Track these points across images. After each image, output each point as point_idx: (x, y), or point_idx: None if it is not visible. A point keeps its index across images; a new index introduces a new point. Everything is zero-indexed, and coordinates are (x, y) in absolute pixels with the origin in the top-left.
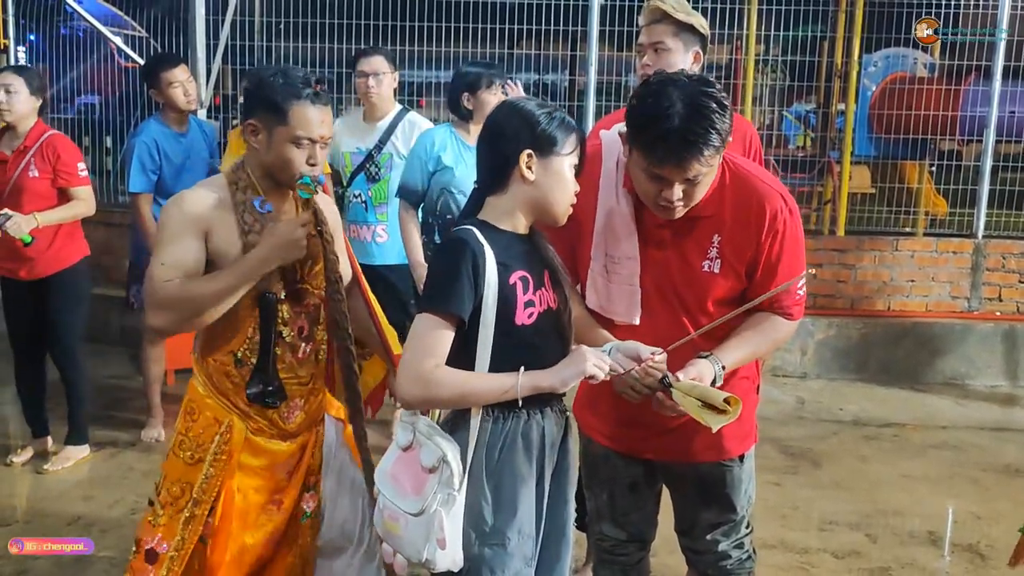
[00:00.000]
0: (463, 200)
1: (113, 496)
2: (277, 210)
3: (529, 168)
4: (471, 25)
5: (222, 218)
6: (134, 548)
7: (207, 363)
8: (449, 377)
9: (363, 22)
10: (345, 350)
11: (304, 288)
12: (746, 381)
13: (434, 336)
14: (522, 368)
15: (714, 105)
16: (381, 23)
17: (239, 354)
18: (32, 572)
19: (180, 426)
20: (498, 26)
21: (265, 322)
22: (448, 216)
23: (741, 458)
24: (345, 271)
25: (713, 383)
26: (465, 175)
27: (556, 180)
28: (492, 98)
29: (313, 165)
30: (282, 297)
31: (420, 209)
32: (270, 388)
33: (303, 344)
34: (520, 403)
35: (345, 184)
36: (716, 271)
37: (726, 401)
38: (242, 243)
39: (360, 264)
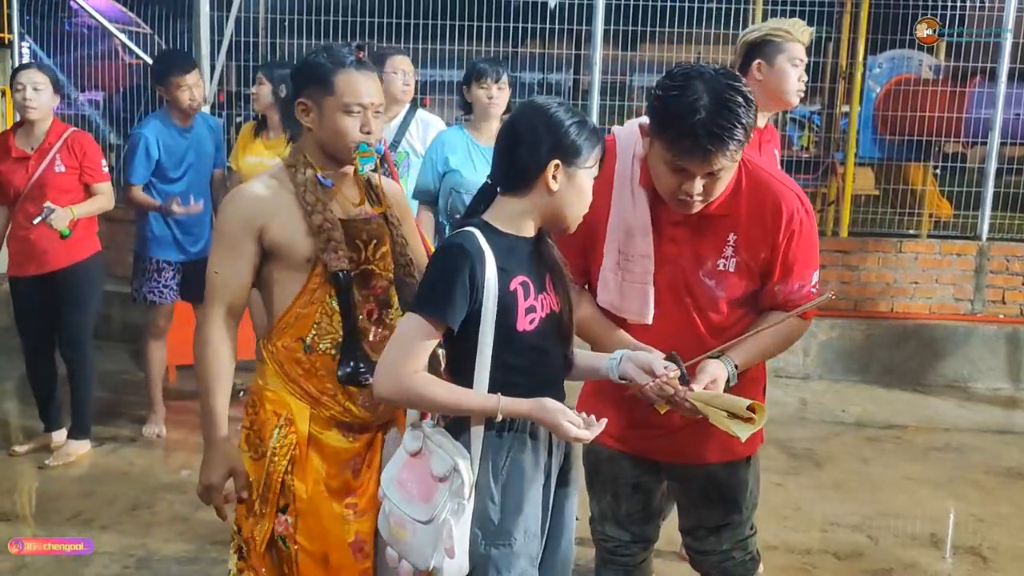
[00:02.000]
0: (468, 200)
1: (113, 492)
2: (337, 188)
3: (555, 178)
4: (475, 23)
5: (281, 206)
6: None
7: (276, 349)
8: (426, 385)
9: (367, 19)
10: None
11: (370, 269)
12: (753, 383)
13: (419, 340)
14: (499, 395)
15: (740, 99)
16: (385, 20)
17: (308, 340)
18: (31, 567)
19: (244, 420)
20: (503, 24)
21: (343, 300)
22: (457, 216)
23: (748, 459)
24: (419, 257)
25: (727, 383)
26: (472, 176)
27: (577, 193)
28: (480, 92)
29: (368, 133)
30: (352, 278)
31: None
32: (361, 367)
33: (374, 328)
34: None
35: None
36: (731, 270)
37: (751, 409)
38: (307, 224)
39: None
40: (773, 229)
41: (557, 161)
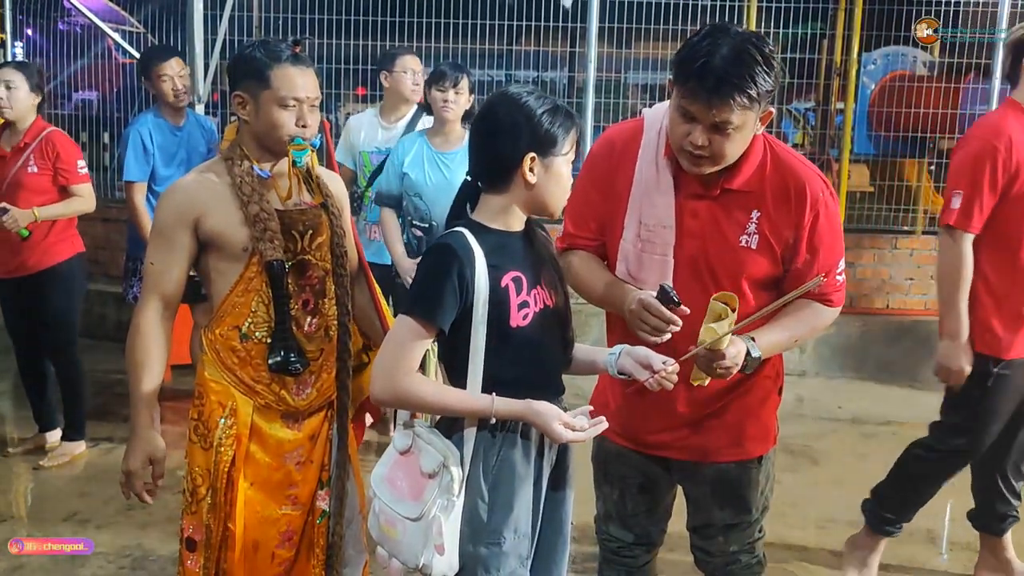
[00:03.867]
0: (419, 203)
1: (109, 492)
2: (274, 179)
3: (532, 171)
4: (471, 21)
5: (217, 197)
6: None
7: (215, 338)
8: (421, 387)
9: (361, 18)
10: (342, 327)
11: (307, 260)
12: (769, 381)
13: (411, 342)
14: (493, 395)
15: (759, 57)
16: (380, 19)
17: (244, 328)
18: (28, 567)
19: (192, 411)
20: (497, 22)
21: (276, 289)
22: (410, 218)
23: (759, 459)
24: (352, 254)
25: (748, 356)
26: (422, 179)
27: (555, 181)
28: (437, 95)
29: (304, 127)
30: (286, 268)
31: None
32: (292, 356)
33: (309, 318)
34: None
35: (365, 184)
36: (753, 247)
37: (724, 303)
38: (243, 214)
39: (387, 265)
40: (798, 209)
41: (533, 154)
